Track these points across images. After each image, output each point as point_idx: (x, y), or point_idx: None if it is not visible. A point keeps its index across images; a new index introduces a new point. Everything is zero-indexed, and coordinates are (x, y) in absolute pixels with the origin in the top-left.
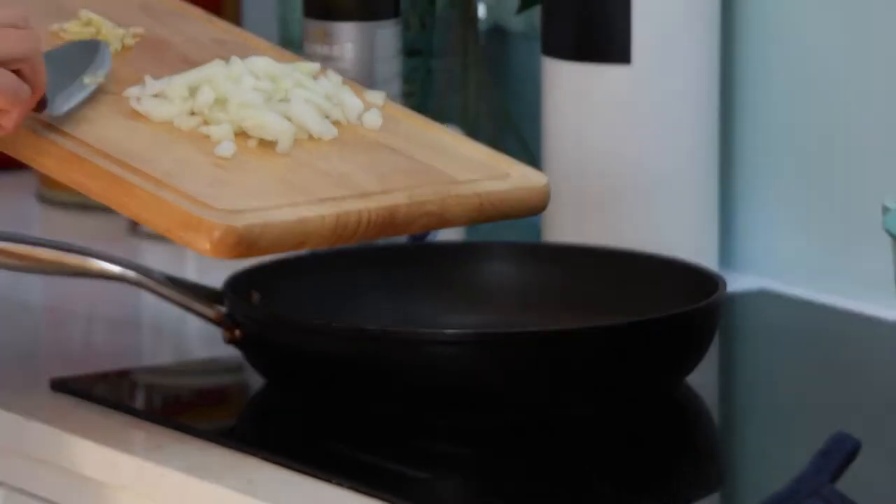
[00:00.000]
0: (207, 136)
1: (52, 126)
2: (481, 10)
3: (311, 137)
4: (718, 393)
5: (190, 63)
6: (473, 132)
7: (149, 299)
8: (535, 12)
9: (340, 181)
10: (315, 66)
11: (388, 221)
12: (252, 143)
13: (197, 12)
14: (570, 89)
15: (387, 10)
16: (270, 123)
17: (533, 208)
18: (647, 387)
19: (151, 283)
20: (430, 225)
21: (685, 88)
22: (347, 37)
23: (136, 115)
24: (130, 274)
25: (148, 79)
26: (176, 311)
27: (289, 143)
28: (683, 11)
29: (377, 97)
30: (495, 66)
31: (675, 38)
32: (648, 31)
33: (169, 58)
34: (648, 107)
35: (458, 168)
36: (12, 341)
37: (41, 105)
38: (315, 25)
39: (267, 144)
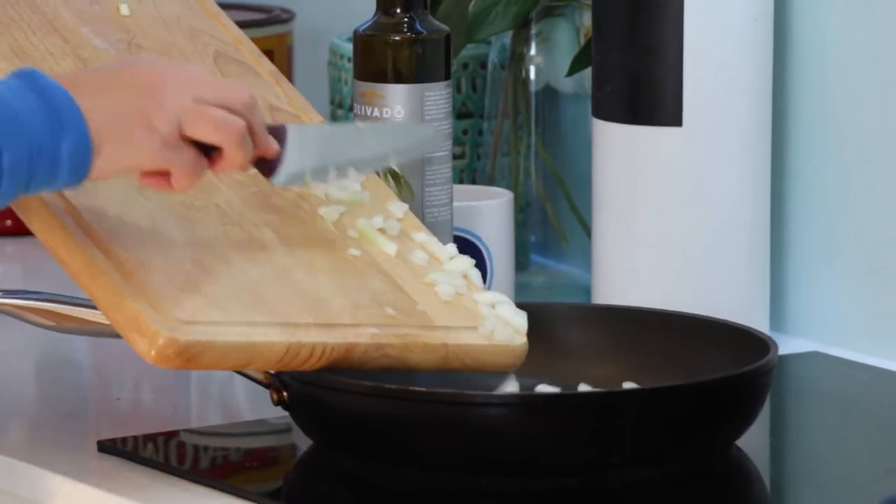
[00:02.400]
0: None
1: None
2: (532, 72)
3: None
4: (769, 456)
5: None
6: (523, 193)
7: None
8: (586, 74)
9: (312, 306)
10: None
11: (343, 357)
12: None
13: (267, 69)
14: (621, 151)
15: (437, 72)
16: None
17: (504, 366)
18: (698, 449)
19: None
20: (389, 366)
21: (737, 150)
22: (397, 99)
23: (143, 190)
24: None
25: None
26: (224, 373)
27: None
28: (735, 73)
29: (399, 209)
30: (546, 128)
31: (726, 101)
32: (700, 94)
33: None
34: (699, 169)
35: (440, 310)
36: (60, 402)
37: (268, 170)
38: (365, 87)
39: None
